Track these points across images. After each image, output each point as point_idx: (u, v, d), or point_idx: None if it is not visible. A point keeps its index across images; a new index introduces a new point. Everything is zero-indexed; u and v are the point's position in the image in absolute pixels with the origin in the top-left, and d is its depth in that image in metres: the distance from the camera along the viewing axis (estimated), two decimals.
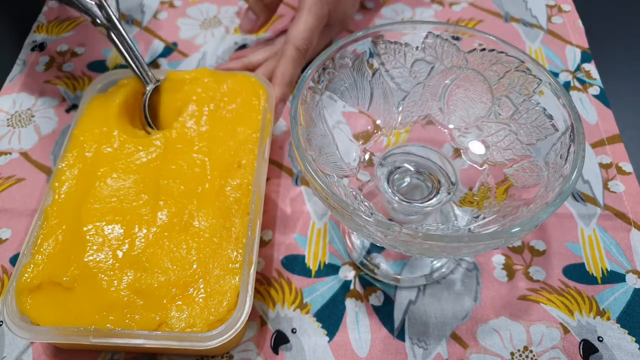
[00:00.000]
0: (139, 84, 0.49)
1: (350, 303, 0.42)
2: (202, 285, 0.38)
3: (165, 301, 0.37)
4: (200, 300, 0.37)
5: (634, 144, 0.51)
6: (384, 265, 0.44)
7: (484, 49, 0.39)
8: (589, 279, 0.43)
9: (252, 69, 0.55)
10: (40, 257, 0.39)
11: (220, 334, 0.35)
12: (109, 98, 0.47)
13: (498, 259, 0.44)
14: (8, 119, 0.54)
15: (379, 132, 0.43)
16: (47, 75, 0.58)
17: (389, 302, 0.42)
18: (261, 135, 0.45)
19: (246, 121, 0.46)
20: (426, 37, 0.40)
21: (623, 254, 0.44)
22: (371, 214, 0.39)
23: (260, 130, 0.45)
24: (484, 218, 0.38)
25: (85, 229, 0.40)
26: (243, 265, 0.38)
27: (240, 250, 0.39)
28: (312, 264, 0.44)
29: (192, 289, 0.38)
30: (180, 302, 0.37)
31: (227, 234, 0.40)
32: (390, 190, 0.41)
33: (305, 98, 0.37)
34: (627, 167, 0.49)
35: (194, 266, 0.39)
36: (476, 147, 0.41)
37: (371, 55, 0.41)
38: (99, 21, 0.47)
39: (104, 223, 0.40)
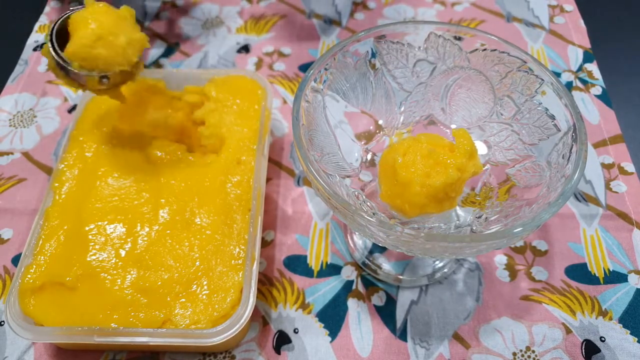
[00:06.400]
0: (137, 83, 0.48)
1: (352, 303, 0.42)
2: (205, 282, 0.38)
3: (168, 299, 0.37)
4: (204, 297, 0.37)
5: (636, 144, 0.51)
6: (386, 266, 0.44)
7: (486, 49, 0.39)
8: (591, 279, 0.43)
9: None
10: (42, 257, 0.39)
11: (224, 330, 0.35)
12: (108, 98, 0.47)
13: (500, 259, 0.44)
14: (10, 119, 0.54)
15: (381, 132, 0.43)
16: (49, 75, 0.58)
17: (391, 302, 0.42)
18: (260, 132, 0.45)
19: (244, 119, 0.46)
20: (428, 37, 0.40)
21: (625, 254, 0.44)
22: (373, 214, 0.39)
23: (258, 128, 0.45)
24: (486, 218, 0.38)
25: (87, 228, 0.40)
26: (246, 262, 0.38)
27: (243, 247, 0.39)
28: (314, 264, 0.44)
29: (195, 286, 0.38)
30: (183, 300, 0.37)
31: (229, 230, 0.40)
32: None
33: (307, 98, 0.37)
34: (629, 167, 0.49)
35: (197, 263, 0.39)
36: (478, 147, 0.41)
37: (373, 55, 0.41)
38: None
39: (105, 222, 0.41)
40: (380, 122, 0.43)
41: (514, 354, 0.39)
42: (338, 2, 0.65)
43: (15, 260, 0.45)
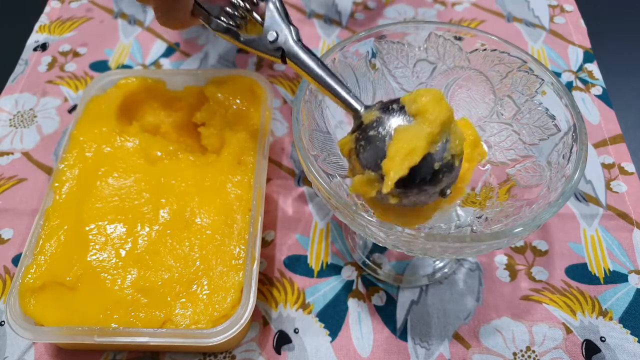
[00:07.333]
0: (137, 83, 0.48)
1: (352, 303, 0.42)
2: (205, 282, 0.38)
3: (169, 299, 0.37)
4: (204, 297, 0.37)
5: (636, 144, 0.51)
6: (386, 265, 0.44)
7: (486, 49, 0.39)
8: (592, 279, 0.43)
9: None
10: (42, 257, 0.39)
11: (224, 330, 0.35)
12: (108, 98, 0.48)
13: (500, 259, 0.44)
14: (10, 119, 0.54)
15: None
16: (49, 75, 0.58)
17: (391, 302, 0.42)
18: (260, 132, 0.45)
19: (245, 119, 0.46)
20: (428, 37, 0.40)
21: (625, 254, 0.44)
22: (373, 214, 0.39)
23: (259, 128, 0.46)
24: (486, 218, 0.38)
25: (87, 228, 0.40)
26: (246, 262, 0.38)
27: (243, 247, 0.39)
28: (314, 264, 0.44)
29: (195, 286, 0.38)
30: (184, 300, 0.37)
31: (229, 230, 0.40)
32: None
33: (307, 98, 0.37)
34: (630, 167, 0.49)
35: (197, 263, 0.39)
36: None
37: (374, 55, 0.41)
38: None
39: (106, 222, 0.41)
40: None
41: (515, 354, 0.39)
42: (338, 2, 0.65)
43: (16, 260, 0.45)
